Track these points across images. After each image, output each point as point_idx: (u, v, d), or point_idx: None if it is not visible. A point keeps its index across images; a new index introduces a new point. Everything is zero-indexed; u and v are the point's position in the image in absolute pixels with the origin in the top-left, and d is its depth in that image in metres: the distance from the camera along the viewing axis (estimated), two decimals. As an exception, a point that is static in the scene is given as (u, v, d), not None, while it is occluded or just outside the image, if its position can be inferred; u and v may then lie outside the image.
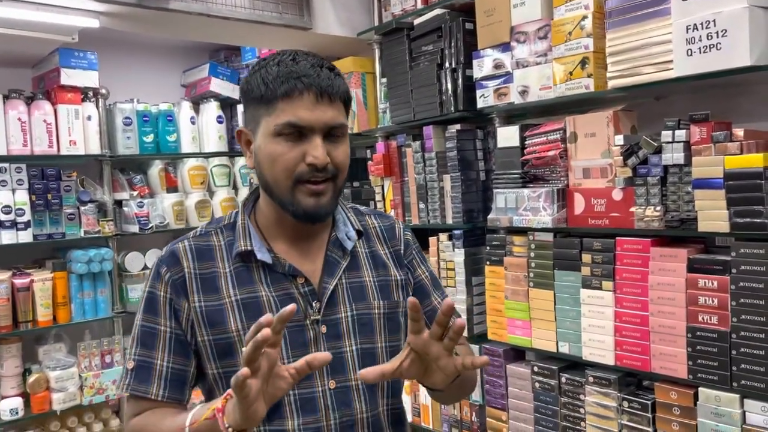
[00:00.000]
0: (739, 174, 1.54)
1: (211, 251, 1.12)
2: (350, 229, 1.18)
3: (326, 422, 1.08)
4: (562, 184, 1.98)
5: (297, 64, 1.06)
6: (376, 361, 1.12)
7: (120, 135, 3.26)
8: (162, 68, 3.73)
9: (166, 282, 1.10)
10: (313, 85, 1.04)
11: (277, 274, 1.11)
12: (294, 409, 1.07)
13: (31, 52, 2.99)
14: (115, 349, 3.14)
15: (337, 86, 1.07)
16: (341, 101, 1.09)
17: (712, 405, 1.63)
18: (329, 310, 1.11)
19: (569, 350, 1.96)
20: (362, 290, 1.15)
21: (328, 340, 1.10)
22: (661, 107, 1.95)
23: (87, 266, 3.03)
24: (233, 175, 3.71)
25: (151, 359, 1.08)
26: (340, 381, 1.10)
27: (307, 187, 1.06)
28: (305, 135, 1.05)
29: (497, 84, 2.14)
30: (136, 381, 1.08)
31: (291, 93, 1.04)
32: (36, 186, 2.95)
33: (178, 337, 1.09)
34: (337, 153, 1.08)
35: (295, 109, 1.04)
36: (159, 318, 1.09)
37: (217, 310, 1.08)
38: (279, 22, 2.55)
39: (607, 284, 1.85)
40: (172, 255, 1.12)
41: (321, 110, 1.05)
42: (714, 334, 1.62)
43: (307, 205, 1.07)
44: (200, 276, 1.10)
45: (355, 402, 1.10)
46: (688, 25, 1.60)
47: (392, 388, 1.17)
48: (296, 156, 1.05)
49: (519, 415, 2.13)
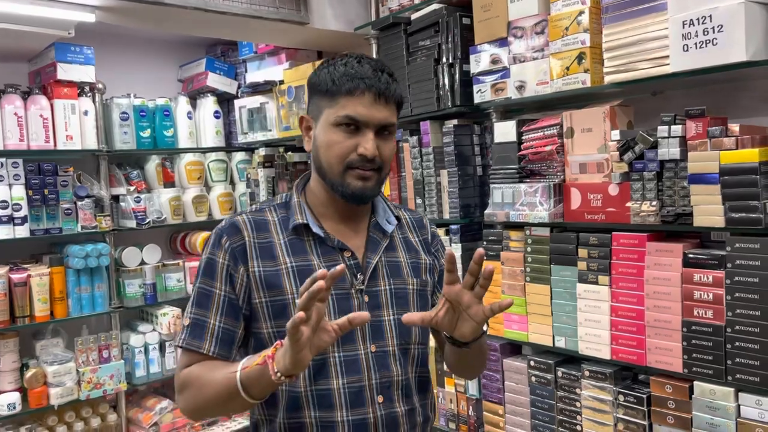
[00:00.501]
0: (734, 169, 1.55)
1: (267, 225, 1.26)
2: (390, 215, 1.34)
3: (368, 381, 1.21)
4: (558, 179, 1.99)
5: (362, 66, 1.21)
6: (409, 330, 1.26)
7: (117, 130, 3.26)
8: (158, 63, 3.72)
9: (226, 249, 1.21)
10: (373, 86, 1.19)
11: (326, 246, 1.24)
12: (339, 370, 1.20)
13: (28, 47, 2.98)
14: (112, 344, 3.14)
15: (393, 90, 1.22)
16: (395, 103, 1.23)
17: (707, 398, 1.64)
18: (371, 283, 1.25)
19: (565, 344, 1.97)
20: (398, 268, 1.29)
21: (369, 309, 1.22)
22: (657, 102, 1.96)
23: (84, 261, 3.03)
24: (230, 170, 3.71)
25: (205, 318, 1.20)
26: (380, 346, 1.23)
27: (356, 172, 1.20)
28: (360, 129, 1.20)
29: (494, 79, 2.15)
30: (190, 336, 1.20)
31: (353, 91, 1.19)
32: (33, 181, 2.94)
33: (231, 300, 1.21)
34: (385, 148, 1.22)
35: (355, 105, 1.19)
36: (215, 282, 1.21)
37: (274, 275, 1.21)
38: (276, 16, 2.55)
39: (603, 279, 1.85)
40: (232, 225, 1.24)
41: (377, 109, 1.19)
42: (709, 329, 1.63)
43: (355, 187, 1.21)
44: (258, 245, 1.23)
45: (392, 365, 1.23)
46: (684, 21, 1.60)
47: (421, 358, 1.30)
48: (350, 145, 1.19)
49: (515, 409, 2.14)
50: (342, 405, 1.19)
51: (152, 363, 3.32)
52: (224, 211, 3.62)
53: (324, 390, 1.19)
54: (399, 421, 1.23)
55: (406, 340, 1.26)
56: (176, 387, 1.24)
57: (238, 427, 3.45)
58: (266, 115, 3.30)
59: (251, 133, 3.42)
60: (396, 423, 1.22)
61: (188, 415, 1.25)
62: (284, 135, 3.16)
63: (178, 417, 3.35)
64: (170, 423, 3.32)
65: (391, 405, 1.23)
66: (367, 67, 1.21)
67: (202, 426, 3.44)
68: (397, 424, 1.23)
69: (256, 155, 3.41)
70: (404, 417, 1.24)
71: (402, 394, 1.25)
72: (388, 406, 1.22)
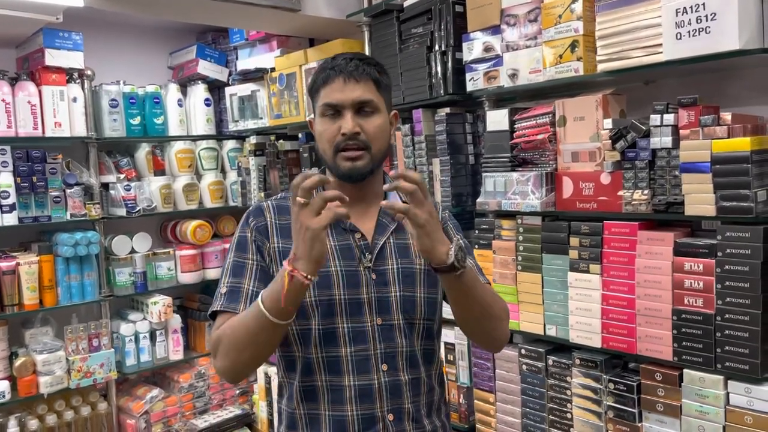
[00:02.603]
0: (726, 158, 1.55)
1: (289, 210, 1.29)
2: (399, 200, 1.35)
3: (374, 351, 1.30)
4: (550, 168, 1.98)
5: (335, 59, 1.32)
6: (415, 306, 1.34)
7: (106, 117, 3.22)
8: (148, 50, 3.68)
9: (252, 227, 1.35)
10: (342, 71, 1.29)
11: (339, 228, 1.34)
12: (348, 339, 1.30)
13: (15, 32, 2.94)
14: (102, 332, 3.13)
15: (362, 70, 1.29)
16: (372, 81, 1.30)
17: (697, 386, 1.65)
18: (379, 262, 1.34)
19: (556, 333, 1.98)
20: (407, 249, 1.37)
21: (376, 286, 1.32)
22: (650, 91, 1.96)
23: (73, 249, 3.01)
24: (221, 158, 3.68)
25: (241, 284, 1.31)
26: (386, 319, 1.32)
27: (344, 153, 1.29)
28: (340, 113, 1.29)
29: (487, 67, 2.14)
30: (227, 300, 1.30)
31: (327, 80, 1.30)
32: (21, 168, 2.91)
33: (262, 267, 1.33)
34: (368, 125, 1.29)
35: (329, 92, 1.29)
36: (247, 254, 1.34)
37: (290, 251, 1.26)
38: (267, 3, 2.52)
39: (595, 267, 1.86)
40: (258, 209, 1.38)
41: (349, 90, 1.28)
42: (699, 317, 1.64)
43: (345, 167, 1.29)
44: (279, 225, 1.35)
45: (397, 337, 1.32)
46: (677, 9, 1.60)
47: (426, 330, 1.38)
48: (334, 130, 1.29)
49: (506, 398, 2.15)
50: (349, 371, 1.30)
51: (143, 352, 3.31)
52: (215, 199, 3.60)
53: (333, 357, 1.30)
54: (402, 388, 1.32)
55: (411, 315, 1.34)
56: (212, 348, 1.30)
57: (230, 415, 3.45)
58: (257, 103, 3.27)
59: (242, 121, 3.40)
60: (399, 390, 1.31)
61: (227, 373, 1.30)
62: (275, 123, 3.14)
63: (168, 405, 3.35)
64: (161, 411, 3.32)
65: (395, 373, 1.32)
66: (339, 58, 1.31)
67: (193, 415, 3.44)
68: (400, 391, 1.31)
69: (247, 143, 3.39)
70: (407, 385, 1.32)
71: (407, 364, 1.33)
72: (392, 374, 1.31)
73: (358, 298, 1.31)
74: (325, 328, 1.29)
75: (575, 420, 1.93)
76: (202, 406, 3.50)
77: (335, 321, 1.30)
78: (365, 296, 1.31)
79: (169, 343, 3.42)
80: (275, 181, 3.11)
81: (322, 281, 1.29)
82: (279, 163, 3.08)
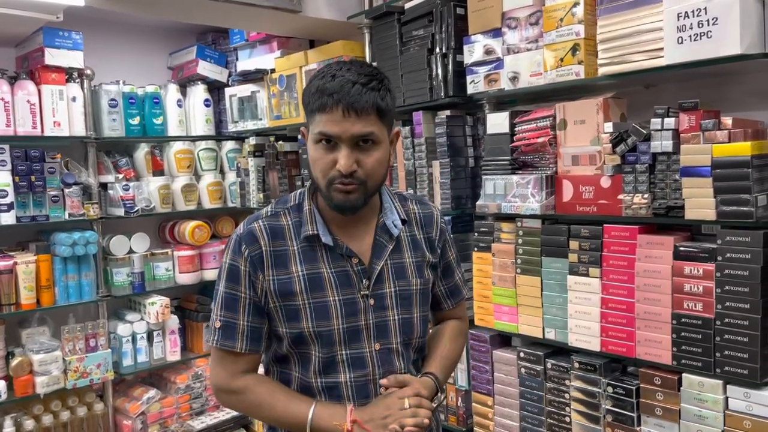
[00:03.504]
0: (726, 162, 1.55)
1: (282, 231, 1.32)
2: (396, 217, 1.38)
3: (373, 376, 1.32)
4: (550, 171, 1.98)
5: (334, 80, 1.20)
6: (412, 327, 1.36)
7: (105, 117, 3.22)
8: (148, 50, 3.68)
9: (246, 258, 1.29)
10: (341, 101, 1.18)
11: (336, 254, 1.31)
12: (347, 366, 1.31)
13: (15, 31, 2.93)
14: (99, 333, 3.12)
15: (365, 101, 1.19)
16: (374, 113, 1.21)
17: (696, 390, 1.65)
18: (377, 286, 1.32)
19: (555, 336, 1.98)
20: (404, 270, 1.36)
21: (375, 311, 1.32)
22: (650, 95, 1.96)
23: (71, 249, 3.00)
24: (220, 159, 3.68)
25: (236, 320, 1.30)
26: (384, 344, 1.33)
27: (337, 186, 1.23)
28: (336, 144, 1.22)
29: (488, 70, 2.14)
30: (223, 338, 1.30)
31: (323, 107, 1.20)
32: (19, 167, 2.90)
33: (255, 303, 1.30)
34: (367, 160, 1.23)
35: (325, 122, 1.20)
36: (240, 287, 1.30)
37: (286, 283, 1.29)
38: (268, 4, 2.52)
39: (594, 271, 1.86)
40: (250, 234, 1.31)
41: (349, 123, 1.19)
42: (698, 321, 1.64)
43: (338, 200, 1.25)
44: (274, 253, 1.30)
45: (395, 360, 1.34)
46: (679, 13, 1.60)
47: (420, 346, 1.41)
48: (329, 161, 1.23)
49: (505, 401, 2.15)
50: (349, 396, 1.31)
51: (140, 352, 3.30)
52: (214, 200, 3.60)
53: (333, 383, 1.31)
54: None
55: (408, 336, 1.36)
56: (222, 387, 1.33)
57: (226, 417, 3.44)
58: (257, 104, 3.27)
59: (242, 121, 3.39)
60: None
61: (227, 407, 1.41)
62: (275, 124, 3.14)
63: (165, 407, 3.34)
64: (157, 412, 3.31)
65: None
66: (339, 79, 1.20)
67: (190, 416, 3.43)
68: None
69: (247, 144, 3.39)
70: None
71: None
72: None
73: (356, 326, 1.31)
74: (324, 356, 1.30)
75: (573, 424, 1.93)
76: (199, 407, 3.48)
77: (334, 350, 1.30)
78: (363, 323, 1.31)
79: (166, 344, 3.41)
80: (274, 182, 3.10)
81: (321, 312, 1.29)
82: (278, 165, 3.08)
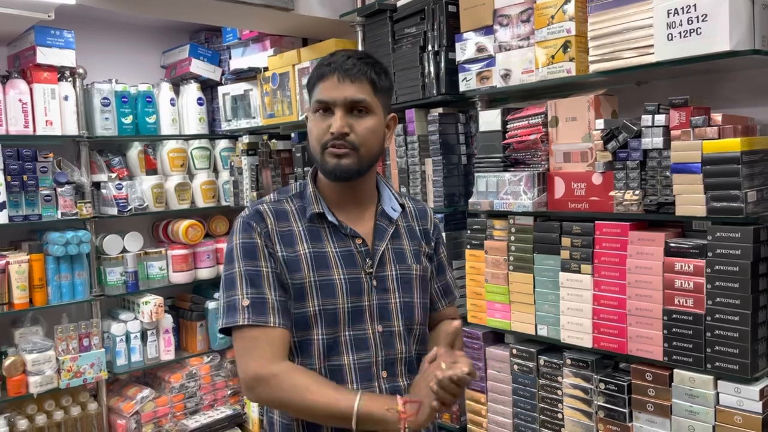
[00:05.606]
0: (716, 159, 1.56)
1: (287, 214, 1.35)
2: (395, 203, 1.43)
3: (375, 358, 1.32)
4: (542, 168, 1.99)
5: (334, 55, 1.30)
6: (413, 312, 1.38)
7: (98, 116, 3.21)
8: (141, 48, 3.67)
9: (259, 233, 1.31)
10: (337, 68, 1.27)
11: (340, 234, 1.34)
12: (350, 348, 1.31)
13: (6, 30, 2.92)
14: (92, 332, 3.11)
15: (359, 69, 1.27)
16: (367, 82, 1.28)
17: (687, 386, 1.66)
18: (379, 268, 1.35)
19: (548, 333, 1.98)
20: (403, 255, 1.39)
21: (378, 293, 1.34)
22: (641, 92, 1.97)
23: (64, 248, 2.99)
24: (213, 157, 3.67)
25: (264, 295, 1.28)
26: (386, 326, 1.34)
27: (330, 150, 1.28)
28: (332, 110, 1.28)
29: (480, 67, 2.14)
30: (254, 314, 1.26)
31: (322, 77, 1.29)
32: (11, 167, 2.89)
33: (278, 275, 1.30)
34: (359, 126, 1.28)
35: (322, 89, 1.28)
36: (260, 261, 1.29)
37: (294, 260, 1.30)
38: (260, 2, 2.52)
39: (586, 267, 1.86)
40: (257, 213, 1.33)
41: (342, 88, 1.27)
42: (689, 317, 1.64)
43: (330, 164, 1.28)
44: (280, 232, 1.32)
45: (397, 344, 1.35)
46: (669, 10, 1.60)
47: (422, 337, 1.42)
48: (324, 127, 1.28)
49: (497, 397, 2.15)
50: (352, 380, 1.31)
51: (133, 352, 3.29)
52: (207, 199, 3.59)
53: (336, 365, 1.31)
54: (401, 393, 1.31)
55: (410, 321, 1.37)
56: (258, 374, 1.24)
57: (221, 416, 3.44)
58: (250, 103, 3.27)
59: (235, 120, 3.39)
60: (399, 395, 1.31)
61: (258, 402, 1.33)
62: (268, 122, 3.14)
63: (159, 406, 3.34)
64: (152, 412, 3.31)
65: (394, 379, 1.34)
66: (339, 55, 1.30)
67: (184, 415, 3.42)
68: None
69: (240, 143, 3.38)
70: (406, 391, 1.34)
71: (405, 370, 1.36)
72: (391, 380, 1.34)
73: (360, 306, 1.32)
74: (328, 337, 1.30)
75: (566, 420, 1.94)
76: (193, 406, 3.48)
77: (338, 330, 1.30)
78: (366, 304, 1.32)
79: (160, 343, 3.40)
80: (267, 180, 3.10)
81: (326, 290, 1.29)
82: (271, 163, 3.07)
